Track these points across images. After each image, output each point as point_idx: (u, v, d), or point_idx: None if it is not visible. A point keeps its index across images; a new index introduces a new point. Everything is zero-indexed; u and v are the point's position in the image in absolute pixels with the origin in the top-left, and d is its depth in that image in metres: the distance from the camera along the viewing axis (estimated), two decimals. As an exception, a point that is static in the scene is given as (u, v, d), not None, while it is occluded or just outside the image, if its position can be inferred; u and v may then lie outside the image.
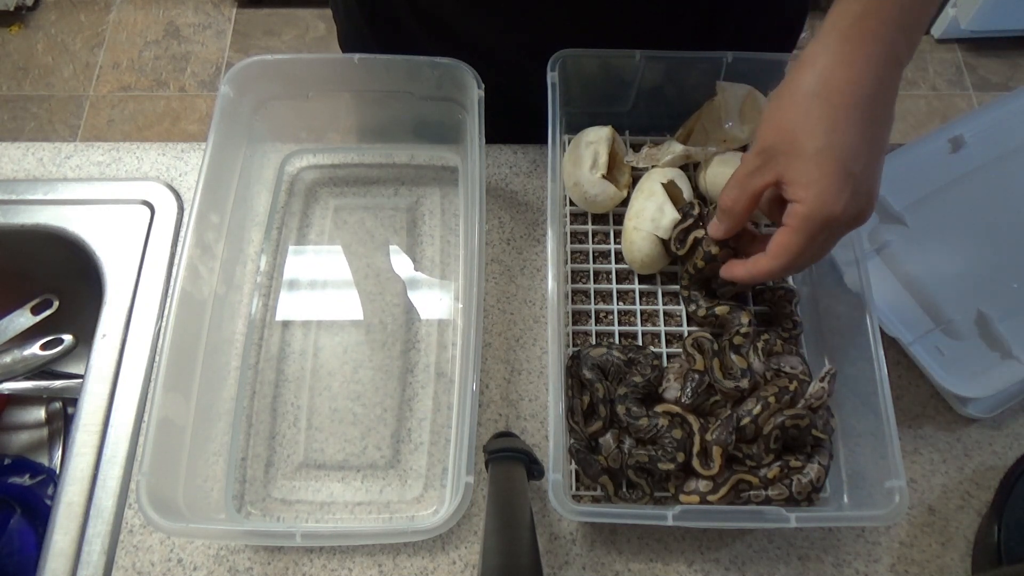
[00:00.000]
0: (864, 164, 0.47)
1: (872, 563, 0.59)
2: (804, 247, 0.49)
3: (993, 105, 0.74)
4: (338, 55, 0.71)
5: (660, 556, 0.59)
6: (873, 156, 0.48)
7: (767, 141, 0.50)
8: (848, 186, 0.47)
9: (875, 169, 0.48)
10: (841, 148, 0.47)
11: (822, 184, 0.47)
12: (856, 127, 0.47)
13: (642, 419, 0.57)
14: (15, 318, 0.81)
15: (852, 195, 0.47)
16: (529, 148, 0.77)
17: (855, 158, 0.47)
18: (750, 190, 0.52)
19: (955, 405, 0.64)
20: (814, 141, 0.47)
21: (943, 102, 2.09)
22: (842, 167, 0.47)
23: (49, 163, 0.76)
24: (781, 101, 0.50)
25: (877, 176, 0.49)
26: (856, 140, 0.47)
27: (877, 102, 0.47)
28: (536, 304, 0.69)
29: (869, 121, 0.47)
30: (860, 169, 0.47)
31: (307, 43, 2.20)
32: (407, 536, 0.57)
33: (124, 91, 2.09)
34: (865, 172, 0.47)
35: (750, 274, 0.55)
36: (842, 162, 0.47)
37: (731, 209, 0.54)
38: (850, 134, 0.47)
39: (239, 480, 0.62)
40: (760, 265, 0.53)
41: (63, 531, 0.59)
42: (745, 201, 0.53)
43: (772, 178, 0.50)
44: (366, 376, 0.66)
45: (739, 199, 0.53)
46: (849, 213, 0.48)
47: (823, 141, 0.47)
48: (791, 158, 0.48)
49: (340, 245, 0.72)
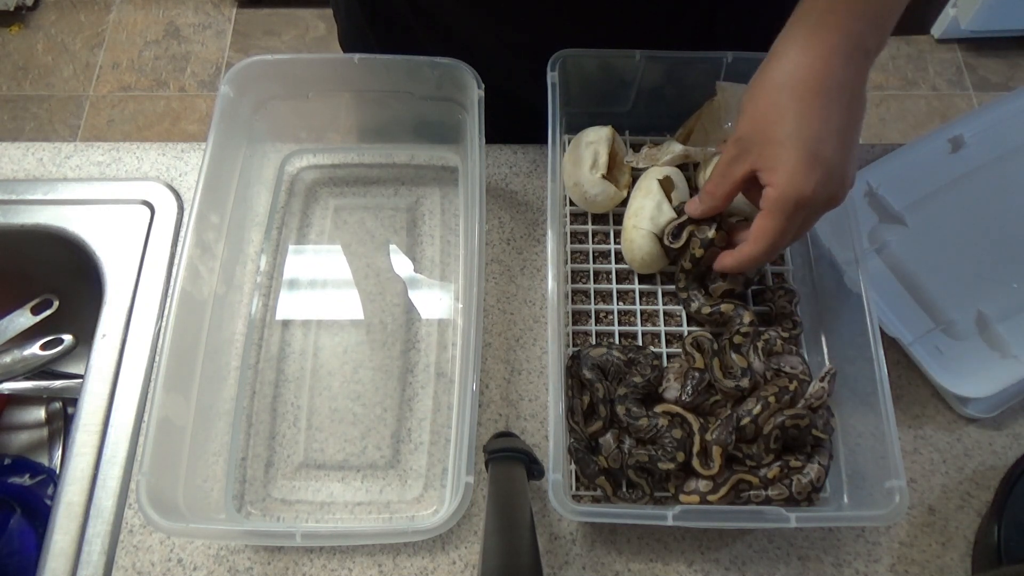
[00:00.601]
0: (833, 148, 0.50)
1: (872, 563, 0.59)
2: (781, 229, 0.52)
3: (993, 105, 0.74)
4: (338, 55, 0.71)
5: (660, 556, 0.59)
6: (842, 141, 0.50)
7: (742, 131, 0.53)
8: (816, 169, 0.50)
9: (845, 153, 0.51)
10: (809, 134, 0.49)
11: (790, 168, 0.50)
12: (822, 114, 0.49)
13: (642, 419, 0.57)
14: (15, 318, 0.81)
15: (821, 177, 0.50)
16: (529, 148, 0.77)
17: (823, 143, 0.49)
18: (730, 178, 0.55)
19: (955, 405, 0.64)
20: (783, 128, 0.50)
21: (943, 102, 2.09)
22: (809, 152, 0.49)
23: (49, 163, 0.76)
24: (753, 92, 0.53)
25: (849, 160, 0.51)
26: (823, 126, 0.49)
27: (844, 90, 0.49)
28: (536, 304, 0.69)
29: (836, 109, 0.50)
30: (830, 153, 0.50)
31: (307, 43, 2.20)
32: (407, 536, 0.57)
33: (124, 91, 2.09)
34: (835, 156, 0.50)
35: (737, 261, 0.58)
36: (809, 147, 0.49)
37: (712, 193, 0.58)
38: (817, 121, 0.49)
39: (239, 480, 0.62)
40: (744, 252, 0.56)
41: (63, 531, 0.59)
42: (726, 187, 0.56)
43: (748, 166, 0.53)
44: (366, 376, 0.66)
45: (720, 185, 0.57)
46: (820, 194, 0.50)
47: (791, 128, 0.50)
48: (763, 146, 0.51)
49: (340, 245, 0.72)
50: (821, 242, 0.66)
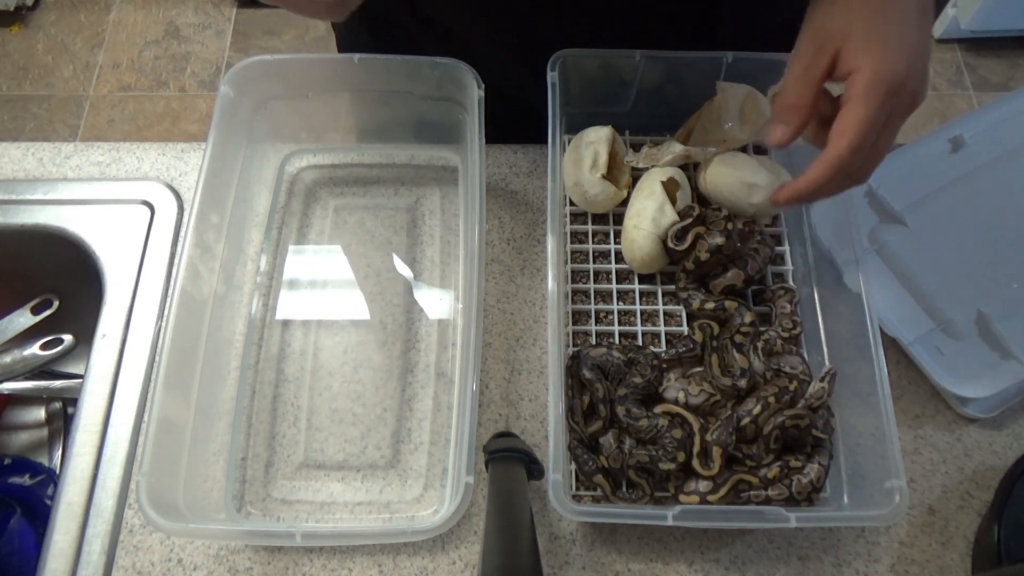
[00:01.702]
0: (918, 41, 0.48)
1: (872, 563, 0.59)
2: (872, 120, 0.47)
3: (993, 105, 0.74)
4: (338, 55, 0.71)
5: (660, 556, 0.59)
6: (924, 27, 0.49)
7: (818, 28, 0.49)
8: (906, 53, 0.47)
9: (926, 51, 0.49)
10: (897, 21, 0.47)
11: (885, 46, 0.47)
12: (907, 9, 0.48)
13: (642, 420, 0.57)
14: (15, 318, 0.81)
15: (912, 64, 0.47)
16: (529, 148, 0.77)
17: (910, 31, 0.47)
18: (811, 78, 0.50)
19: (955, 405, 0.64)
20: (871, 18, 0.47)
21: (943, 102, 2.09)
22: (901, 35, 0.47)
23: (49, 163, 0.76)
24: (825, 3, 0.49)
25: (928, 59, 0.49)
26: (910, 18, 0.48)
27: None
28: (536, 304, 0.69)
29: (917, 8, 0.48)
30: (916, 42, 0.48)
31: (307, 43, 2.20)
32: (407, 536, 0.57)
33: (124, 91, 2.09)
34: (919, 49, 0.48)
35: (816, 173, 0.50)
36: (900, 31, 0.47)
37: (796, 105, 0.51)
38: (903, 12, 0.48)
39: (239, 480, 0.62)
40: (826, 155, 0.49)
41: (63, 531, 0.59)
42: (809, 93, 0.50)
43: (830, 58, 0.49)
44: (366, 376, 0.66)
45: (802, 92, 0.50)
46: (912, 82, 0.47)
47: (880, 17, 0.47)
48: (847, 36, 0.48)
49: (340, 245, 0.72)
50: (821, 242, 0.66)
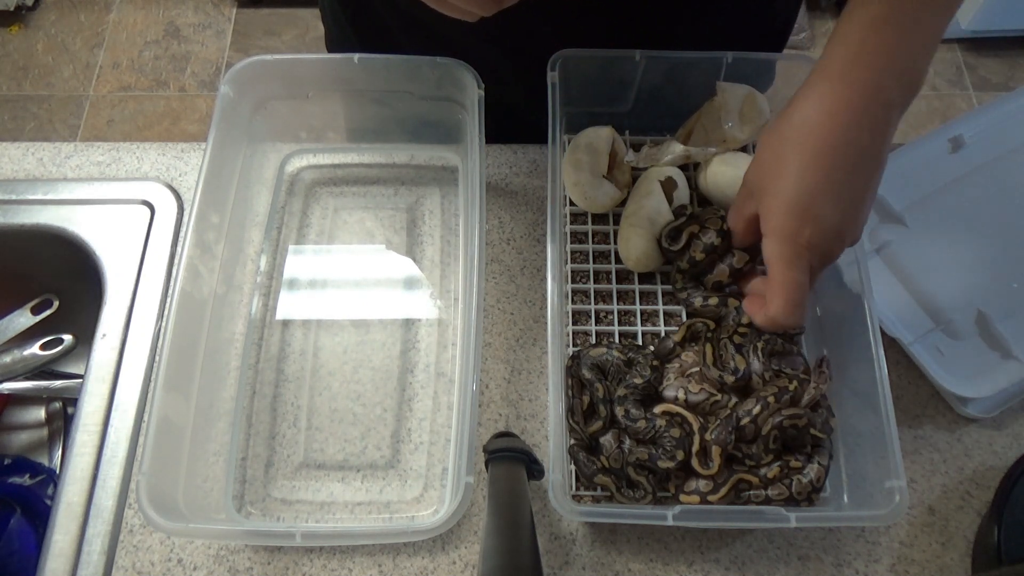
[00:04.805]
0: (831, 206, 0.49)
1: (872, 563, 0.59)
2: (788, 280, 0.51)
3: (993, 105, 0.74)
4: (338, 55, 0.71)
5: (660, 556, 0.59)
6: (842, 199, 0.50)
7: (751, 176, 0.55)
8: (808, 226, 0.49)
9: (844, 211, 0.50)
10: (803, 189, 0.49)
11: (783, 223, 0.50)
12: (823, 172, 0.49)
13: (640, 421, 0.57)
14: (15, 318, 0.81)
15: (813, 234, 0.49)
16: (529, 148, 0.77)
17: (817, 199, 0.49)
18: (741, 216, 0.58)
19: (955, 405, 0.64)
20: (783, 182, 0.50)
21: (943, 102, 2.09)
22: (804, 209, 0.49)
23: (49, 163, 0.76)
24: (766, 139, 0.53)
25: (849, 218, 0.51)
26: (822, 184, 0.49)
27: (852, 147, 0.48)
28: (536, 304, 0.69)
29: (841, 167, 0.49)
30: (828, 211, 0.49)
31: (307, 43, 2.20)
32: (407, 536, 0.57)
33: (124, 91, 2.10)
34: (832, 215, 0.49)
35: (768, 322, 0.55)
36: (805, 204, 0.49)
37: (734, 228, 0.60)
38: (815, 178, 0.49)
39: (239, 480, 0.62)
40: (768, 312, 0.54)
41: (63, 531, 0.59)
42: (740, 224, 0.58)
43: (754, 211, 0.54)
44: (366, 376, 0.66)
45: (736, 221, 0.59)
46: (816, 251, 0.50)
47: (789, 182, 0.50)
48: (764, 196, 0.52)
49: (340, 245, 0.72)
50: (821, 242, 0.66)
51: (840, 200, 0.49)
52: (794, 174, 0.49)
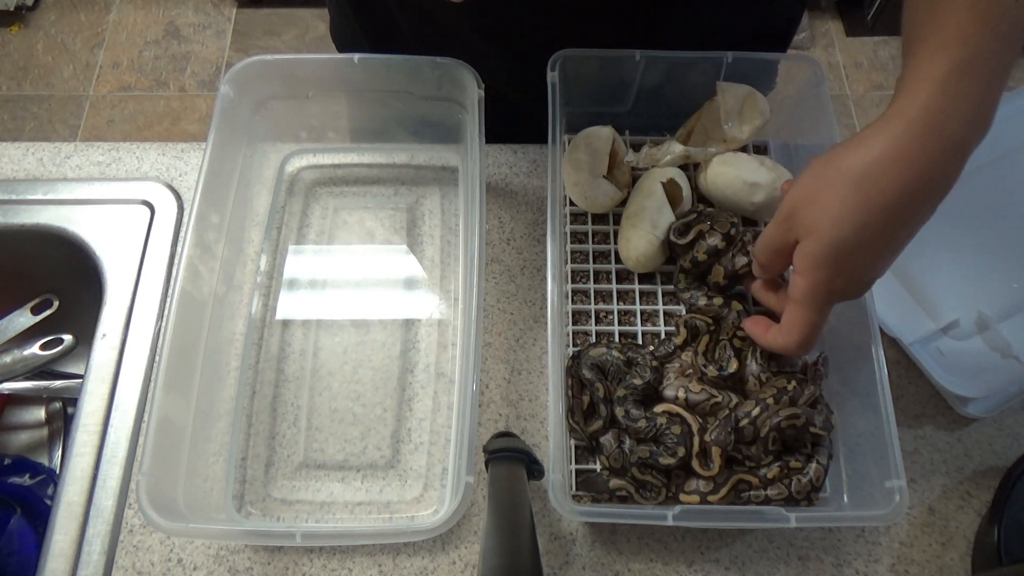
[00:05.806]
0: (876, 259, 0.48)
1: (872, 563, 0.59)
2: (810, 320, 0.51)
3: (993, 105, 0.74)
4: (338, 55, 0.71)
5: (660, 556, 0.59)
6: (891, 252, 0.48)
7: (795, 203, 0.49)
8: (843, 276, 0.48)
9: (888, 262, 0.49)
10: (857, 243, 0.46)
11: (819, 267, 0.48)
12: (880, 226, 0.46)
13: (640, 421, 0.57)
14: (15, 318, 0.81)
15: (849, 285, 0.49)
16: (529, 148, 0.77)
17: (866, 252, 0.47)
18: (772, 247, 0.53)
19: (955, 405, 0.64)
20: (833, 228, 0.47)
21: (943, 102, 2.09)
22: (846, 257, 0.47)
23: (49, 163, 0.76)
24: (822, 169, 0.48)
25: (888, 265, 0.49)
26: (875, 239, 0.46)
27: (916, 202, 0.46)
28: (536, 304, 0.69)
29: (902, 224, 0.46)
30: (870, 263, 0.48)
31: (307, 43, 2.20)
32: (407, 536, 0.57)
33: (124, 91, 2.09)
34: (875, 267, 0.48)
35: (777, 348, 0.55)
36: (848, 252, 0.47)
37: (760, 257, 0.56)
38: (870, 234, 0.46)
39: (239, 480, 0.62)
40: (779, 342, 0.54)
41: (63, 531, 0.59)
42: (770, 256, 0.54)
43: (788, 240, 0.51)
44: (366, 376, 0.66)
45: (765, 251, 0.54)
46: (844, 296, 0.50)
47: (841, 232, 0.46)
48: (807, 233, 0.48)
49: (340, 245, 0.72)
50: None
51: (886, 254, 0.48)
52: (848, 222, 0.46)
